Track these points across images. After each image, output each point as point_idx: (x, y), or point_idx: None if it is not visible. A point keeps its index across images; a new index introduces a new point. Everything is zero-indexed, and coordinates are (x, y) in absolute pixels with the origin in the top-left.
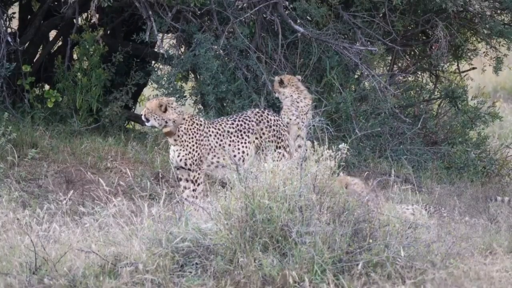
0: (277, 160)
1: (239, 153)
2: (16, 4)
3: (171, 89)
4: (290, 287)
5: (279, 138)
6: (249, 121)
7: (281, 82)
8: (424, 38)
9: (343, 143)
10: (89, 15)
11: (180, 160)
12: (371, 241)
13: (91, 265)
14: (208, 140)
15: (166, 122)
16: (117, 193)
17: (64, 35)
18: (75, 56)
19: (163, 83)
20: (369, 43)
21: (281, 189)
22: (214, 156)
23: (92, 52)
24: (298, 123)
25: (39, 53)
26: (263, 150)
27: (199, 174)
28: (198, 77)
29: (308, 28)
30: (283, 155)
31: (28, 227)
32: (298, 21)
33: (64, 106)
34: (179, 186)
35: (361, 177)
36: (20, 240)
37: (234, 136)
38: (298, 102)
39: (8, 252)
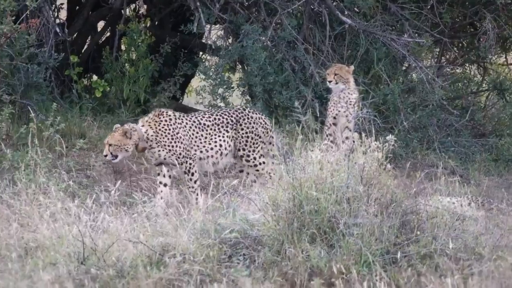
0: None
1: (215, 146)
2: None
3: (219, 80)
4: (337, 279)
5: (257, 135)
6: (228, 116)
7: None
8: (472, 30)
9: (390, 135)
10: (137, 6)
11: (165, 159)
12: (418, 233)
13: (139, 256)
14: (185, 131)
15: (135, 145)
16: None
17: (112, 26)
18: (123, 47)
19: (211, 74)
20: (416, 35)
21: (329, 181)
22: (192, 147)
23: (139, 43)
24: (347, 115)
25: (87, 43)
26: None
27: (190, 164)
28: (246, 68)
29: (356, 19)
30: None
31: (77, 217)
32: (346, 12)
33: (112, 96)
34: (157, 183)
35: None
36: (69, 230)
37: (211, 129)
38: (348, 94)
39: (56, 242)
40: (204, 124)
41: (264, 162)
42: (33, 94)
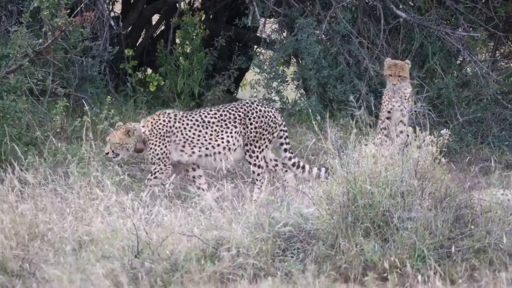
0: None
1: (222, 142)
2: None
3: (273, 73)
4: (391, 273)
5: (266, 130)
6: (235, 111)
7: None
8: None
9: (445, 129)
10: None
11: (151, 159)
12: (472, 227)
13: (192, 249)
14: (182, 134)
15: (135, 144)
16: (220, 177)
17: (167, 19)
18: (177, 40)
19: (265, 67)
20: (471, 29)
21: (383, 175)
22: (194, 146)
23: (194, 36)
24: (402, 109)
25: (141, 37)
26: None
27: (161, 168)
28: (300, 62)
29: (410, 13)
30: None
31: (131, 210)
32: (401, 6)
33: (166, 90)
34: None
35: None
36: (123, 224)
37: (217, 126)
38: (402, 88)
39: (111, 236)
40: (209, 122)
41: (260, 166)
42: (87, 88)
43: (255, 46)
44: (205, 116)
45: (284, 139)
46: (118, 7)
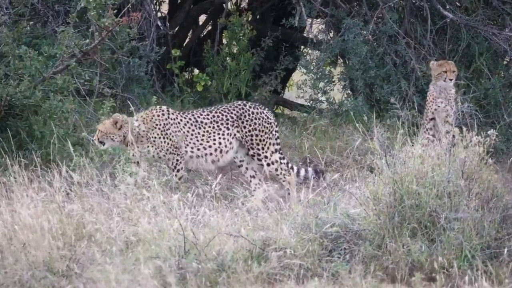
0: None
1: (214, 143)
2: None
3: (320, 74)
4: (438, 273)
5: (262, 131)
6: (228, 113)
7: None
8: None
9: (491, 129)
10: (239, 0)
11: (153, 156)
12: None
13: (239, 250)
14: (178, 127)
15: (124, 137)
16: (266, 177)
17: (214, 20)
18: (224, 41)
19: (312, 68)
20: None
21: (430, 175)
22: (187, 145)
23: (241, 37)
24: (447, 109)
25: (188, 37)
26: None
27: (177, 160)
28: (347, 62)
29: (457, 14)
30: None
31: (178, 211)
32: (447, 6)
33: (213, 90)
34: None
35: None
36: (170, 224)
37: (209, 126)
38: (447, 89)
39: (158, 236)
40: (202, 122)
41: (277, 161)
42: (134, 88)
43: (302, 47)
44: (198, 116)
45: (276, 139)
46: (165, 8)
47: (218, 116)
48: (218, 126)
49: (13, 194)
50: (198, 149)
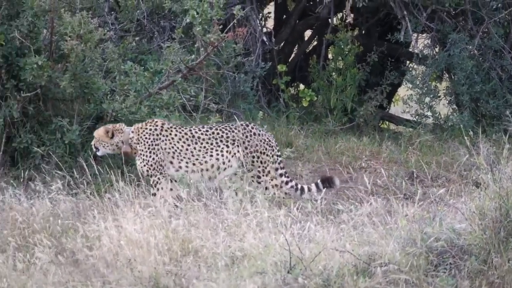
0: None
1: (210, 159)
2: (272, 3)
3: (425, 89)
4: None
5: (263, 153)
6: (229, 131)
7: None
8: None
9: None
10: (344, 15)
11: (141, 169)
12: None
13: (345, 265)
14: (171, 143)
15: (117, 146)
16: (372, 192)
17: (319, 35)
18: (330, 56)
19: (418, 83)
20: None
21: None
22: (181, 160)
23: (347, 52)
24: None
25: (294, 52)
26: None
27: (158, 179)
28: (453, 77)
29: None
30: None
31: (283, 226)
32: None
33: (319, 105)
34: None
35: None
36: (275, 239)
37: (207, 142)
38: None
39: (263, 251)
40: (199, 138)
41: (276, 185)
42: (240, 103)
43: (408, 61)
44: (196, 132)
45: (279, 163)
46: (270, 23)
47: (218, 133)
48: (217, 143)
49: (118, 209)
50: (194, 164)
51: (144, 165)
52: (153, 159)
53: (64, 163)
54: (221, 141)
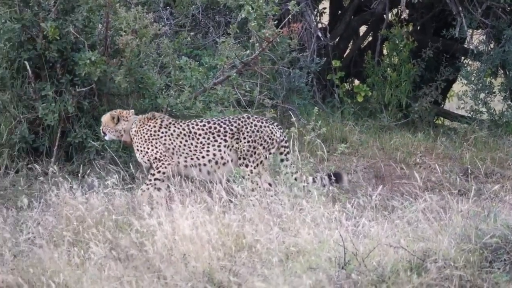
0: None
1: (208, 154)
2: None
3: (480, 85)
4: None
5: (261, 145)
6: (228, 125)
7: None
8: None
9: None
10: (399, 11)
11: (141, 159)
12: None
13: (399, 261)
14: (171, 139)
15: (120, 132)
16: (427, 188)
17: (374, 31)
18: (384, 52)
19: (472, 79)
20: None
21: None
22: (180, 156)
23: (401, 48)
24: None
25: (349, 48)
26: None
27: (162, 164)
28: (508, 73)
29: None
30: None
31: (338, 221)
32: None
33: (373, 101)
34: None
35: None
36: (329, 235)
37: (203, 137)
38: None
39: (317, 247)
40: (195, 133)
41: (254, 182)
42: (294, 99)
43: (462, 57)
44: (193, 127)
45: (285, 155)
46: (325, 19)
47: (215, 128)
48: (214, 137)
49: (173, 204)
50: (192, 159)
51: (144, 156)
52: (152, 150)
53: (119, 157)
54: (218, 135)
